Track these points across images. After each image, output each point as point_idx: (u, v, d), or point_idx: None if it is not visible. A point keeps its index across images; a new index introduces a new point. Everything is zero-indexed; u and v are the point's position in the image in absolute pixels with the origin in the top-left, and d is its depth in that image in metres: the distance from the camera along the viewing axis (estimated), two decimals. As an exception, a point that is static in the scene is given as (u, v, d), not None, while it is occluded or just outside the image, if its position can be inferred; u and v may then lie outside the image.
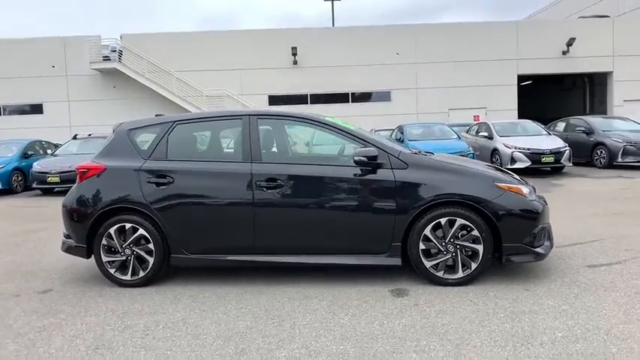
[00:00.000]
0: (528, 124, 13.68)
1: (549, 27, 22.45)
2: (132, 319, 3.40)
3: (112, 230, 4.05)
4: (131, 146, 4.22)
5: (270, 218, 3.91)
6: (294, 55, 21.36)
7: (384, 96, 22.22)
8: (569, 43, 21.20)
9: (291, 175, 3.91)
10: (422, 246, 3.79)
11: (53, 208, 9.67)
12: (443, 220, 3.76)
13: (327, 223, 3.90)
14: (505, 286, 3.75)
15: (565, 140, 12.36)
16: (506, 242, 3.73)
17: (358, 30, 22.15)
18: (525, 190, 3.86)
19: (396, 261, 3.84)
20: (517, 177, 4.19)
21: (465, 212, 3.74)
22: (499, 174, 3.99)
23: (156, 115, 4.74)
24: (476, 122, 16.27)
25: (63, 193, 12.70)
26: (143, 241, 4.05)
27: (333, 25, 27.96)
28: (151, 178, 4.04)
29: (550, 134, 12.85)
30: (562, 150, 11.61)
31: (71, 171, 11.66)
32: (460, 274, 3.78)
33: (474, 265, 3.77)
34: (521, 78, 22.26)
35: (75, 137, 13.82)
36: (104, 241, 4.07)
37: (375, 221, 3.84)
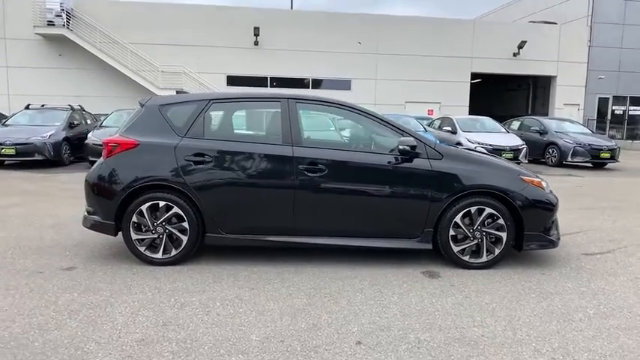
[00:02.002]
0: (487, 120, 14.46)
1: (503, 28, 23.68)
2: (183, 296, 3.40)
3: (143, 208, 3.97)
4: (165, 122, 4.12)
5: (310, 201, 4.01)
6: (256, 35, 21.01)
7: (344, 84, 22.47)
8: (520, 46, 22.52)
9: (332, 159, 4.02)
10: (451, 232, 4.06)
11: (13, 181, 9.05)
12: (473, 209, 4.04)
13: (364, 208, 4.07)
14: (522, 270, 4.11)
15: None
16: (527, 231, 4.09)
17: (321, 16, 22.16)
18: (544, 184, 4.24)
19: (427, 245, 4.09)
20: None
21: (493, 202, 4.05)
22: (522, 168, 4.34)
23: (177, 92, 4.64)
24: (438, 117, 16.72)
25: (16, 166, 12.04)
26: (175, 220, 4.00)
27: (292, 8, 27.71)
28: (189, 156, 3.98)
29: (508, 132, 13.72)
30: (520, 147, 12.47)
31: (28, 143, 10.95)
32: (484, 258, 4.10)
33: (497, 251, 4.10)
34: (474, 76, 23.35)
35: (27, 107, 12.86)
36: (134, 219, 3.98)
37: (411, 207, 4.05)
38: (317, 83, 22.35)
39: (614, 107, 24.31)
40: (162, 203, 3.97)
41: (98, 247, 4.60)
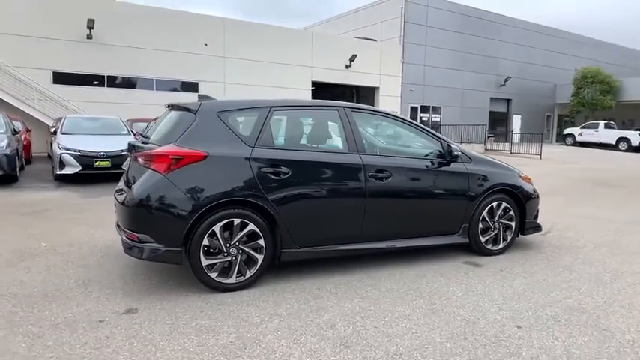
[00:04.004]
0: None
1: (337, 42, 25.86)
2: (300, 319, 3.20)
3: (216, 228, 3.52)
4: (229, 131, 3.71)
5: (377, 207, 4.13)
6: (90, 28, 18.49)
7: (192, 87, 21.47)
8: (352, 59, 24.99)
9: (393, 166, 4.22)
10: (480, 225, 4.69)
11: None
12: (494, 204, 4.75)
13: (420, 209, 4.40)
14: (522, 252, 4.99)
15: None
16: (527, 219, 4.99)
17: (168, 13, 20.74)
18: (530, 179, 5.21)
19: (465, 239, 4.64)
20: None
21: (506, 197, 4.83)
22: (515, 168, 5.22)
23: (200, 96, 4.18)
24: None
25: None
26: (247, 238, 3.66)
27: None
28: (265, 167, 3.68)
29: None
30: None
31: None
32: (501, 245, 4.84)
33: (509, 238, 4.89)
34: (314, 84, 24.96)
35: None
36: (206, 242, 3.50)
37: (455, 206, 4.54)
38: (162, 84, 20.85)
39: (421, 114, 28.97)
40: (237, 221, 3.58)
41: (142, 277, 3.84)
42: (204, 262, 3.51)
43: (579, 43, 35.63)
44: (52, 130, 11.23)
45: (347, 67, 25.35)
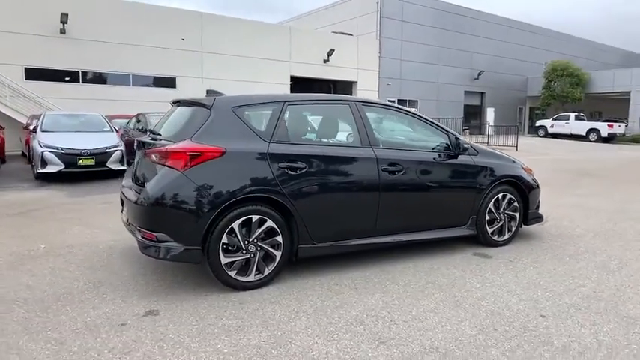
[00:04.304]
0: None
1: (315, 36, 25.76)
2: (327, 315, 3.17)
3: (235, 225, 3.45)
4: (245, 126, 3.62)
5: (391, 201, 4.13)
6: (64, 23, 17.84)
7: (169, 82, 21.04)
8: (330, 54, 24.94)
9: (405, 159, 4.22)
10: (487, 217, 4.75)
11: None
12: (500, 196, 4.81)
13: (430, 202, 4.42)
14: (523, 243, 5.09)
15: None
16: (530, 209, 5.08)
17: (143, 7, 20.19)
18: (532, 170, 5.30)
19: (473, 231, 4.68)
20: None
21: (511, 188, 4.90)
22: (517, 159, 5.29)
23: (208, 91, 4.08)
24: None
25: None
26: (264, 235, 3.59)
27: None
28: (282, 162, 3.62)
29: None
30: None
31: None
32: (506, 236, 4.92)
33: (513, 228, 4.97)
34: (292, 79, 24.79)
35: None
36: (225, 239, 3.42)
37: (463, 198, 4.58)
38: (139, 79, 20.33)
39: (399, 108, 29.18)
40: (255, 218, 3.51)
41: (155, 278, 3.72)
42: (224, 260, 3.43)
43: (549, 37, 36.54)
44: (31, 127, 10.80)
45: (325, 61, 25.30)
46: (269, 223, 3.56)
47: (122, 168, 9.97)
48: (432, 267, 4.18)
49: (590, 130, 27.99)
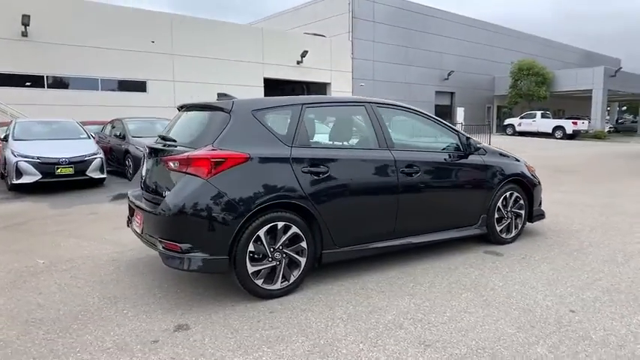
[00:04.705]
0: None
1: (287, 38, 25.63)
2: (364, 321, 3.13)
3: (261, 232, 3.35)
4: (266, 130, 3.53)
5: (408, 202, 4.12)
6: (26, 25, 17.09)
7: (139, 86, 20.49)
8: (303, 55, 24.86)
9: (421, 160, 4.22)
10: (496, 215, 4.81)
11: None
12: (507, 194, 4.88)
13: (445, 203, 4.44)
14: (530, 238, 5.18)
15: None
16: (534, 207, 5.18)
17: (112, 9, 19.56)
18: (534, 168, 5.41)
19: (484, 230, 4.73)
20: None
21: (517, 187, 4.98)
22: (520, 157, 5.37)
23: (219, 94, 3.97)
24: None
25: None
26: (289, 241, 3.51)
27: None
28: (306, 167, 3.55)
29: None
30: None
31: None
32: (513, 233, 5.00)
33: (519, 226, 5.06)
34: (266, 81, 24.59)
35: None
36: (251, 247, 3.32)
37: (475, 198, 4.63)
38: (108, 84, 19.69)
39: (372, 109, 29.41)
40: (280, 224, 3.43)
41: (173, 290, 3.57)
42: (250, 269, 3.33)
43: (514, 37, 37.69)
44: (1, 136, 10.25)
45: (298, 63, 25.22)
46: (294, 229, 3.48)
47: (102, 176, 9.62)
48: (450, 267, 4.19)
49: (556, 128, 29.01)
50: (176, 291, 3.66)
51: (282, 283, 3.48)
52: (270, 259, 3.41)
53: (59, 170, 8.95)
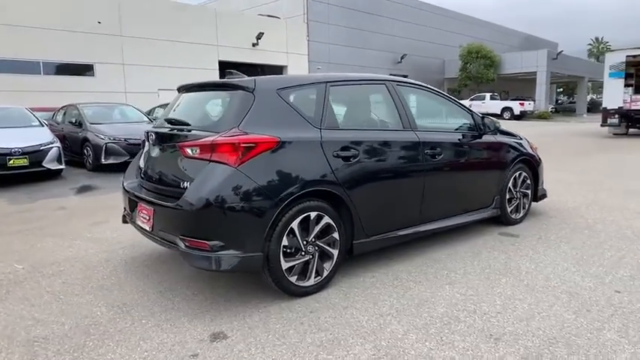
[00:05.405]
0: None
1: (242, 19, 24.70)
2: (416, 315, 2.91)
3: (294, 224, 3.03)
4: (293, 111, 3.17)
5: (433, 186, 3.91)
6: (-49, 1, 15.35)
7: (87, 69, 19.06)
8: (259, 37, 24.08)
9: (443, 141, 4.02)
10: (507, 195, 4.72)
11: None
12: (517, 174, 4.80)
13: (466, 185, 4.29)
14: (549, 223, 5.16)
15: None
16: (539, 186, 5.15)
17: (48, -14, 17.95)
18: (537, 147, 5.36)
19: (497, 211, 4.62)
20: None
21: (525, 166, 4.91)
22: (524, 137, 5.30)
23: (229, 72, 3.57)
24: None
25: None
26: (321, 233, 3.21)
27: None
28: (337, 151, 3.23)
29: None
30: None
31: None
32: (522, 213, 4.94)
33: (527, 206, 5.01)
34: (221, 64, 23.63)
35: None
36: (285, 241, 2.99)
37: (491, 178, 4.50)
38: (51, 67, 18.14)
39: (329, 93, 29.15)
40: (313, 214, 3.11)
41: (191, 292, 3.16)
42: (284, 265, 3.00)
43: (462, 21, 38.50)
44: None
45: (254, 45, 24.45)
46: (326, 219, 3.18)
47: (61, 167, 8.79)
48: (474, 252, 4.05)
49: (505, 109, 30.07)
50: (193, 293, 3.27)
51: (315, 278, 3.18)
52: (303, 253, 3.09)
53: (12, 162, 8.05)
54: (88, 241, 4.58)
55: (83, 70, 19.00)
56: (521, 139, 5.08)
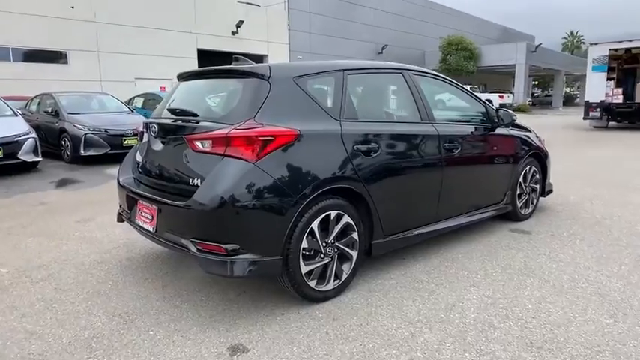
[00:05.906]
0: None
1: (222, 6, 24.00)
2: (447, 322, 2.73)
3: (314, 225, 2.79)
4: (312, 101, 2.92)
5: (451, 182, 3.72)
6: None
7: (60, 57, 18.24)
8: (238, 25, 23.51)
9: (460, 135, 3.84)
10: (518, 190, 4.59)
11: None
12: (527, 168, 4.67)
13: (481, 180, 4.13)
14: (556, 219, 5.06)
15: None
16: (546, 181, 5.04)
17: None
18: (544, 140, 5.24)
19: (508, 207, 4.48)
20: None
21: (534, 161, 4.78)
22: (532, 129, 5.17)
23: (236, 58, 3.30)
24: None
25: None
26: (340, 234, 2.99)
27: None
28: (358, 145, 3.00)
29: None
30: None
31: None
32: (531, 208, 4.82)
33: (535, 201, 4.89)
34: (200, 52, 23.00)
35: None
36: (304, 243, 2.76)
37: (504, 173, 4.35)
38: (21, 54, 17.26)
39: (310, 83, 28.80)
40: (333, 214, 2.89)
41: (200, 299, 2.89)
42: (304, 268, 2.77)
43: (442, 13, 38.59)
44: None
45: (233, 33, 23.90)
46: (346, 218, 2.96)
47: (37, 159, 8.30)
48: (490, 250, 3.89)
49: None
50: (201, 299, 3.01)
51: (334, 282, 2.96)
52: (322, 256, 2.87)
53: (-17, 154, 7.54)
54: (76, 241, 4.25)
55: (56, 57, 18.18)
56: (529, 131, 4.95)
